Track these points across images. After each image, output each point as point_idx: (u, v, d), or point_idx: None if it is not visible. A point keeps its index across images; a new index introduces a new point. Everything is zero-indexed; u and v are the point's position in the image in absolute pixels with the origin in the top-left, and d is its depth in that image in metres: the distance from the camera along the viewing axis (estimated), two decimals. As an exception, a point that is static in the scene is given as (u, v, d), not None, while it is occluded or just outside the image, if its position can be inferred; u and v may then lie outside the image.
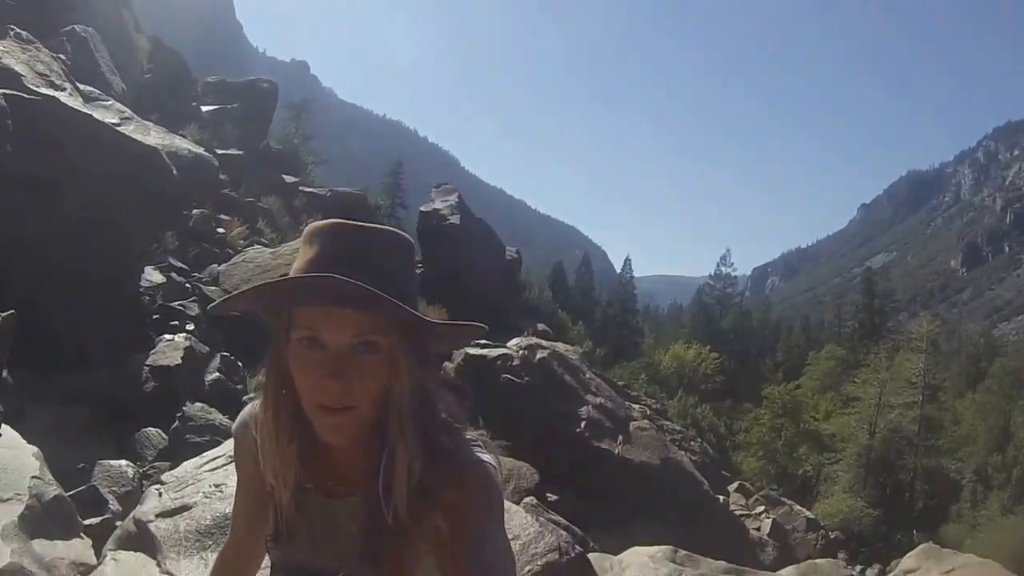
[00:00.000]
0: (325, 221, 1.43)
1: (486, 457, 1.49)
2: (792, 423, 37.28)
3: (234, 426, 1.72)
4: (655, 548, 6.17)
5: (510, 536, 2.03)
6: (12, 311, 7.79)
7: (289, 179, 27.90)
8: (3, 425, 6.38)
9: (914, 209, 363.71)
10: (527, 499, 10.93)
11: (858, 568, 23.66)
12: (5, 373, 8.03)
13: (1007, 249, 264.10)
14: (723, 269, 70.79)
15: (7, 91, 10.97)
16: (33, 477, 5.70)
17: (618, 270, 74.79)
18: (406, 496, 1.42)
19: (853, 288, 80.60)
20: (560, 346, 18.40)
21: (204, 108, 26.09)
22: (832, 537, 26.39)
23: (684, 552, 6.36)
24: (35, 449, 6.14)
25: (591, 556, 7.00)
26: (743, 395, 48.22)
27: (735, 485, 22.78)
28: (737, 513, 19.00)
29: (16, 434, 6.34)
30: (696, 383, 46.27)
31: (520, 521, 6.30)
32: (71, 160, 11.41)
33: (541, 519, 7.21)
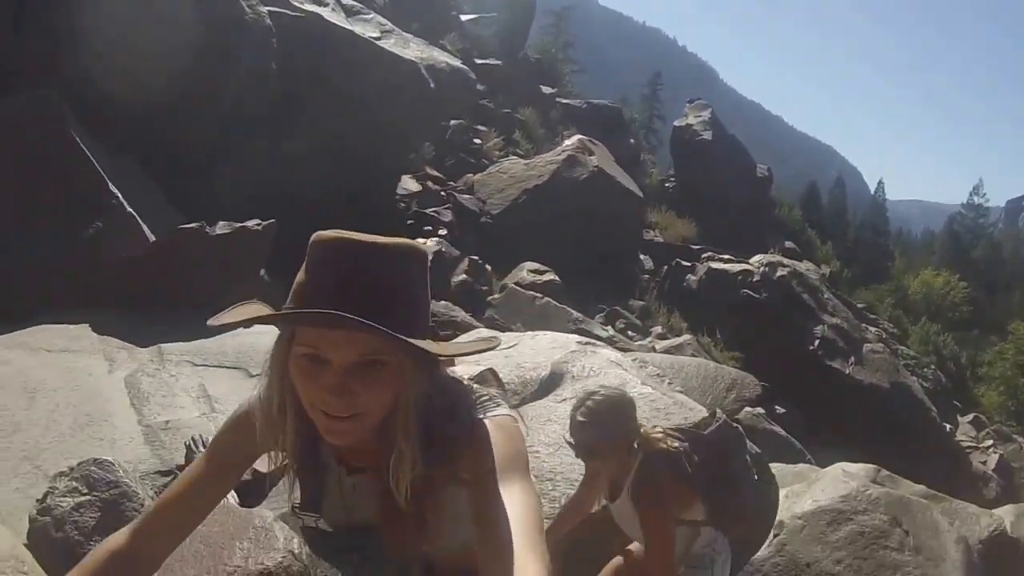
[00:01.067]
0: (330, 236, 1.41)
1: (495, 413, 1.54)
2: None
3: (233, 417, 1.70)
4: (859, 465, 6.67)
5: None
6: (272, 219, 8.09)
7: (546, 90, 27.77)
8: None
9: None
10: (747, 409, 11.51)
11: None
12: (263, 271, 8.56)
13: None
14: (976, 199, 67.86)
15: (273, 8, 11.23)
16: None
17: (872, 192, 72.11)
18: (410, 485, 1.48)
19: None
20: (801, 265, 18.73)
21: (463, 17, 25.93)
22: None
23: (887, 472, 6.84)
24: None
25: (799, 468, 7.35)
26: (990, 327, 45.85)
27: (969, 417, 22.42)
28: (964, 444, 18.96)
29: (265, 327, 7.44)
30: (943, 311, 44.55)
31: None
32: (332, 76, 11.89)
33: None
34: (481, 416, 1.51)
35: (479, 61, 22.81)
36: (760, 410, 11.92)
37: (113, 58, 8.71)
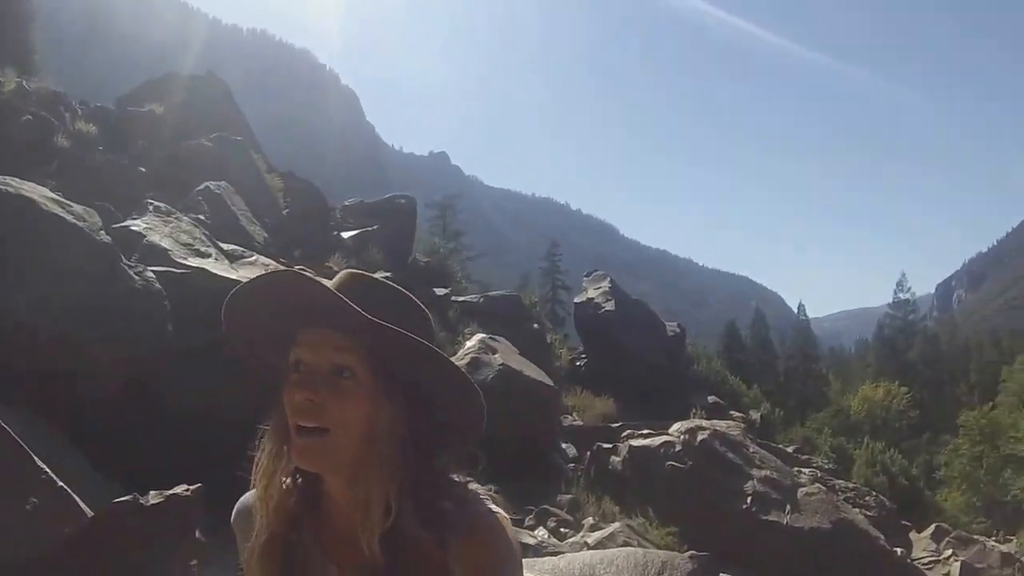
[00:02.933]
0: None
1: (495, 509, 1.52)
2: (992, 448, 35.30)
3: (232, 516, 1.71)
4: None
5: None
6: (200, 484, 7.86)
7: (440, 291, 27.51)
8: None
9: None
10: None
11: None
12: (198, 533, 8.64)
13: None
14: (900, 295, 68.67)
15: (156, 268, 11.42)
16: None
17: (796, 314, 72.97)
18: (376, 542, 1.43)
19: (1047, 286, 76.98)
20: (722, 424, 18.71)
21: (345, 235, 26.17)
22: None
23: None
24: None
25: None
26: (941, 427, 46.21)
27: (931, 529, 22.19)
28: (925, 561, 18.68)
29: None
30: (889, 423, 44.79)
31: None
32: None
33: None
34: (489, 506, 1.50)
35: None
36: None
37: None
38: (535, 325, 29.20)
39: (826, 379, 58.27)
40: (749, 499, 15.90)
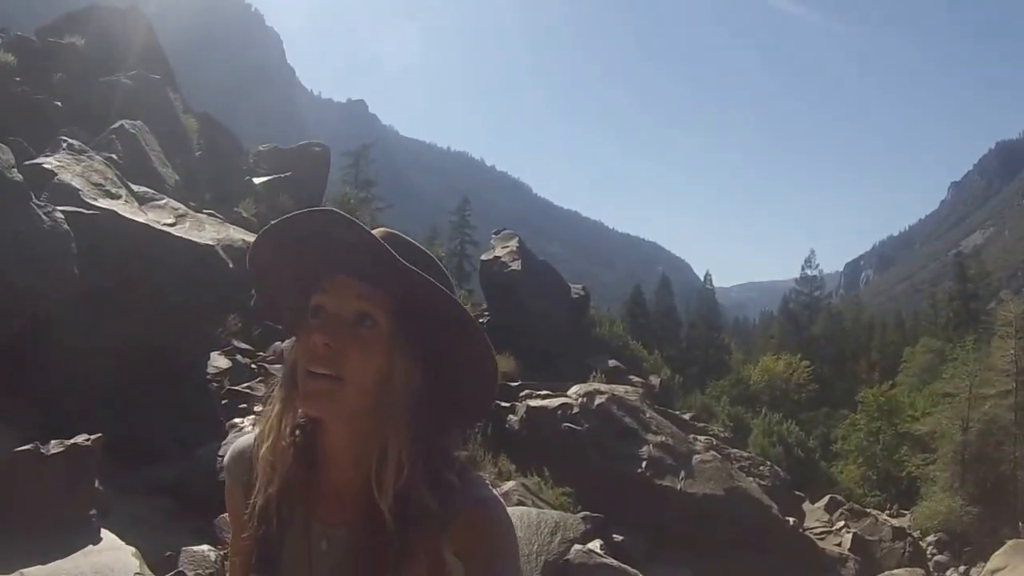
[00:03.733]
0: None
1: (494, 494, 1.47)
2: (889, 425, 36.46)
3: (226, 458, 1.64)
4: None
5: None
6: (100, 434, 8.23)
7: None
8: (103, 530, 7.21)
9: (1007, 180, 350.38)
10: (576, 547, 11.23)
11: (961, 569, 23.25)
12: (97, 483, 8.63)
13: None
14: (808, 271, 69.56)
15: (66, 208, 11.36)
16: (136, 574, 6.47)
17: (703, 282, 73.50)
18: (393, 503, 1.38)
19: (949, 273, 78.30)
20: (619, 388, 18.63)
21: (257, 180, 26.01)
22: (933, 540, 25.94)
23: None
24: (133, 549, 6.94)
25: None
26: (839, 402, 47.30)
27: (824, 500, 22.56)
28: (817, 531, 18.91)
29: (115, 536, 7.15)
30: (788, 395, 45.58)
31: None
32: (132, 269, 11.87)
33: None
34: (493, 492, 1.46)
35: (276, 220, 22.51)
36: (589, 546, 11.62)
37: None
38: (443, 280, 28.89)
39: (728, 348, 59.05)
40: (644, 463, 15.88)
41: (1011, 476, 31.64)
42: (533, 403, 17.47)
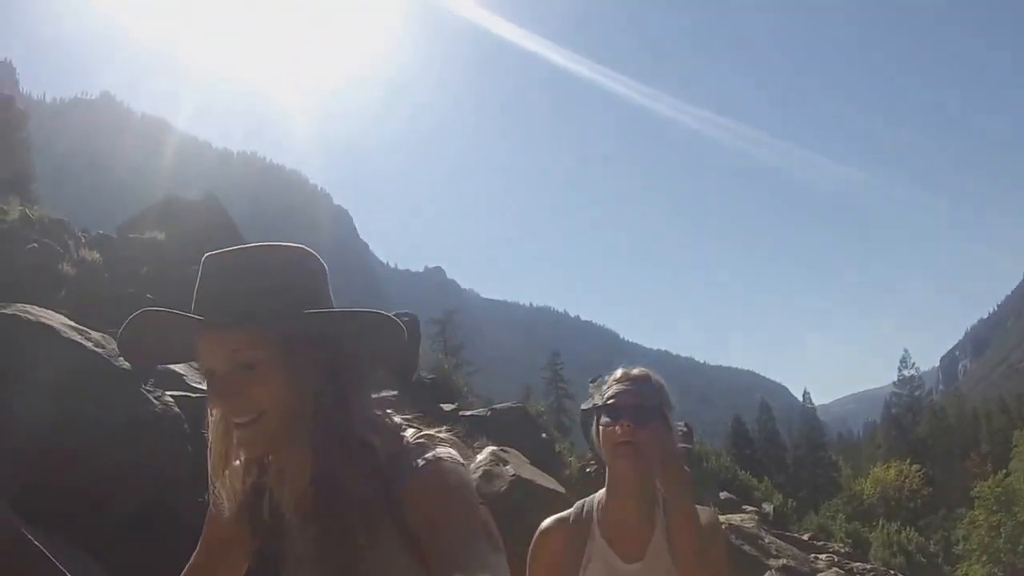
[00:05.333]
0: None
1: (445, 452, 1.48)
2: (1009, 516, 34.40)
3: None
4: None
5: None
6: None
7: (447, 407, 27.53)
8: None
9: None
10: None
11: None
12: None
13: None
14: (905, 372, 67.92)
15: (174, 392, 11.09)
16: None
17: (802, 402, 72.28)
18: (294, 499, 1.49)
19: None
20: (736, 517, 18.74)
21: None
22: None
23: None
24: None
25: None
26: (956, 501, 45.48)
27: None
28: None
29: None
30: (903, 503, 44.28)
31: None
32: None
33: None
34: (433, 453, 1.47)
35: (374, 396, 22.64)
36: None
37: None
38: (543, 435, 28.99)
39: (836, 465, 57.53)
40: (769, 588, 15.78)
41: None
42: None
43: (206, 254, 1.50)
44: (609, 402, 2.43)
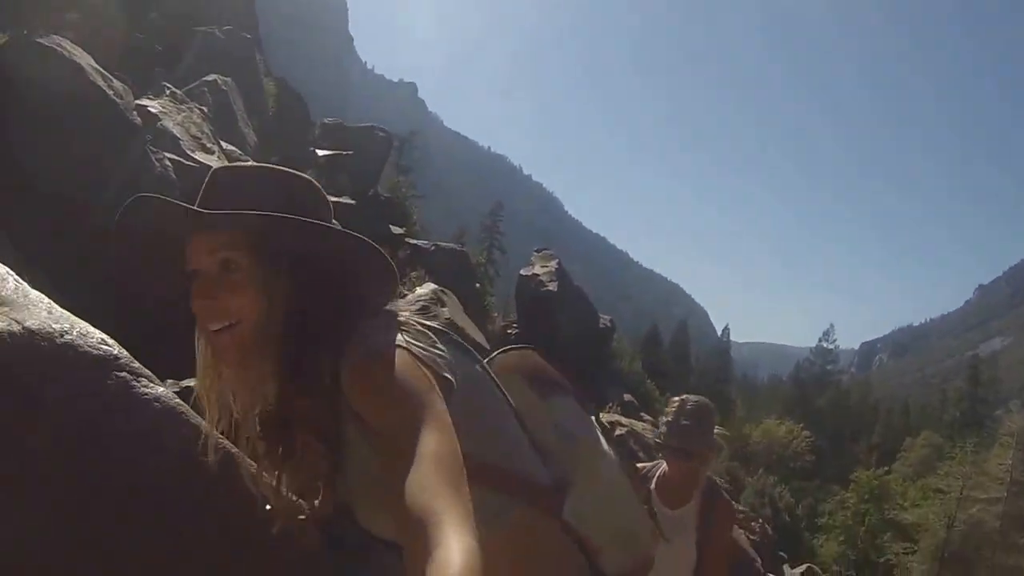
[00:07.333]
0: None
1: (381, 342, 1.45)
2: (877, 509, 36.60)
3: None
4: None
5: None
6: None
7: (396, 230, 27.32)
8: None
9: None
10: None
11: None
12: None
13: None
14: (824, 344, 69.71)
15: (171, 156, 11.42)
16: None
17: (719, 334, 72.92)
18: (257, 412, 1.56)
19: (963, 373, 77.73)
20: (639, 424, 19.29)
21: (320, 153, 26.01)
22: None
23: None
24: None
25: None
26: (833, 477, 47.22)
27: (801, 568, 23.06)
28: (791, 597, 19.52)
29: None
30: (785, 460, 45.45)
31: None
32: None
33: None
34: (386, 335, 1.46)
35: (333, 199, 22.19)
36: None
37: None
38: (477, 285, 29.17)
39: (733, 403, 58.85)
40: (650, 498, 16.53)
41: (986, 581, 31.69)
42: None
43: (215, 167, 1.56)
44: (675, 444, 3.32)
